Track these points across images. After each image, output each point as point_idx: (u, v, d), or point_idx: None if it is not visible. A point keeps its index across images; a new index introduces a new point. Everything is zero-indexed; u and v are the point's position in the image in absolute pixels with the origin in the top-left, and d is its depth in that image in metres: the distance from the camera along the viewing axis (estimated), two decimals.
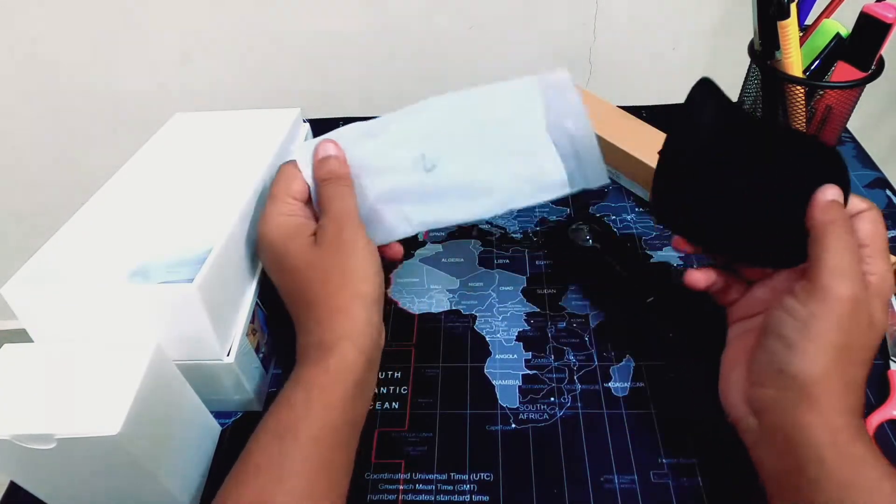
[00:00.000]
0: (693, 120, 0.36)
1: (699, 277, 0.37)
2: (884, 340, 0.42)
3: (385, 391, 0.42)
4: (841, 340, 0.29)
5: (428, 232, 0.55)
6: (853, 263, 0.30)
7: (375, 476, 0.38)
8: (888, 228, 0.50)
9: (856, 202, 0.33)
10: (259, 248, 0.38)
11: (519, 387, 0.42)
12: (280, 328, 0.45)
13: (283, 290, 0.37)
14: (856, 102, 0.50)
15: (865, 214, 0.33)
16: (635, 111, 0.62)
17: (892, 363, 0.40)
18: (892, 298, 0.43)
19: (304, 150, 0.39)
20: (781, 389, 0.30)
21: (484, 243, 0.53)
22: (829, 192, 0.32)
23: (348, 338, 0.32)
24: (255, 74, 0.91)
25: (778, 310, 0.31)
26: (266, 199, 0.38)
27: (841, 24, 0.48)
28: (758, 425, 0.31)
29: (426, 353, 0.45)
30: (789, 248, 0.33)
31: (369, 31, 0.85)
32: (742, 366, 0.33)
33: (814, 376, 0.29)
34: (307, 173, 0.38)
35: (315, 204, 0.38)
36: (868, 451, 0.28)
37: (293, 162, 0.39)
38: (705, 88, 0.35)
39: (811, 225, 0.31)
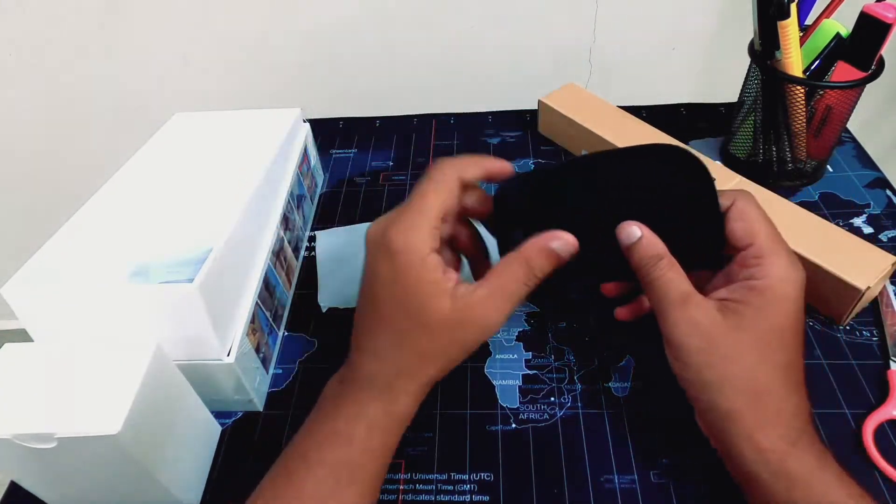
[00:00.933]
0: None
1: (623, 313, 0.38)
2: (884, 340, 0.42)
3: None
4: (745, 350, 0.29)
5: None
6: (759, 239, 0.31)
7: None
8: (888, 228, 0.50)
9: (726, 195, 0.32)
10: (375, 247, 0.31)
11: (519, 387, 0.42)
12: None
13: (377, 298, 0.31)
14: (856, 102, 0.50)
15: (736, 209, 0.32)
16: (635, 111, 0.62)
17: (892, 363, 0.40)
18: (892, 295, 0.43)
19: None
20: (710, 416, 0.31)
21: None
22: (632, 232, 0.31)
23: (381, 392, 0.31)
24: (255, 74, 0.91)
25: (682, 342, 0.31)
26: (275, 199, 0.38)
27: (841, 24, 0.48)
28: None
29: None
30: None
31: (369, 31, 0.85)
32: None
33: (727, 403, 0.29)
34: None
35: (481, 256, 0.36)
36: (801, 469, 0.28)
37: (454, 167, 0.32)
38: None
39: (636, 269, 0.31)
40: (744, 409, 0.29)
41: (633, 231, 0.31)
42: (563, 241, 0.31)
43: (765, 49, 0.49)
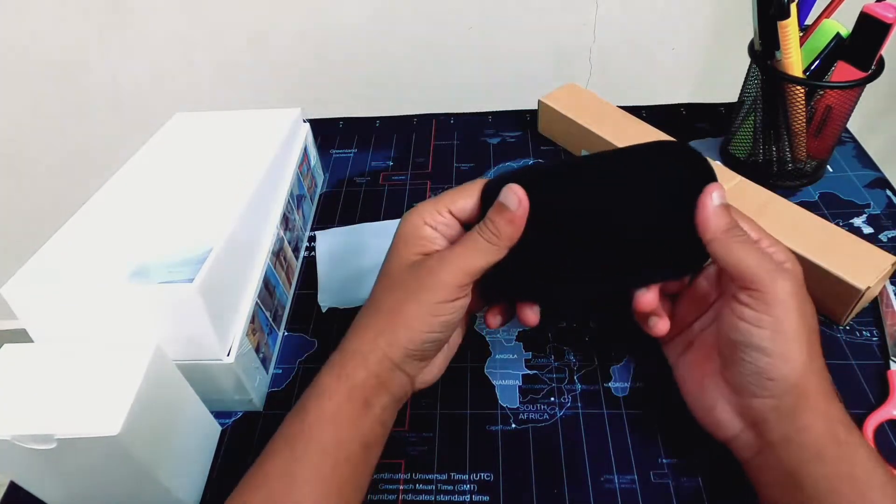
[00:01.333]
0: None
1: (650, 299, 0.33)
2: (884, 340, 0.42)
3: None
4: (805, 334, 0.30)
5: None
6: (770, 258, 0.30)
7: (375, 476, 0.38)
8: (888, 228, 0.50)
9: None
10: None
11: (519, 387, 0.42)
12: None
13: (379, 277, 0.34)
14: (856, 102, 0.50)
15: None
16: (635, 111, 0.62)
17: (892, 363, 0.40)
18: (892, 295, 0.43)
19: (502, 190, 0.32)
20: (777, 397, 0.30)
21: None
22: (715, 197, 0.30)
23: (364, 357, 0.32)
24: (254, 74, 0.90)
25: (740, 322, 0.30)
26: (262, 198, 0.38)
27: (841, 24, 0.48)
28: (755, 437, 0.31)
29: None
30: (686, 255, 0.32)
31: (369, 30, 0.85)
32: (713, 385, 0.33)
33: (802, 377, 0.29)
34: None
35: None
36: (860, 440, 0.29)
37: (485, 182, 0.34)
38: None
39: (709, 236, 0.30)
40: (816, 382, 0.29)
41: (716, 196, 0.30)
42: (508, 192, 0.31)
43: (765, 49, 0.49)
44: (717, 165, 0.51)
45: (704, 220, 0.30)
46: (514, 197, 0.31)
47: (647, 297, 0.33)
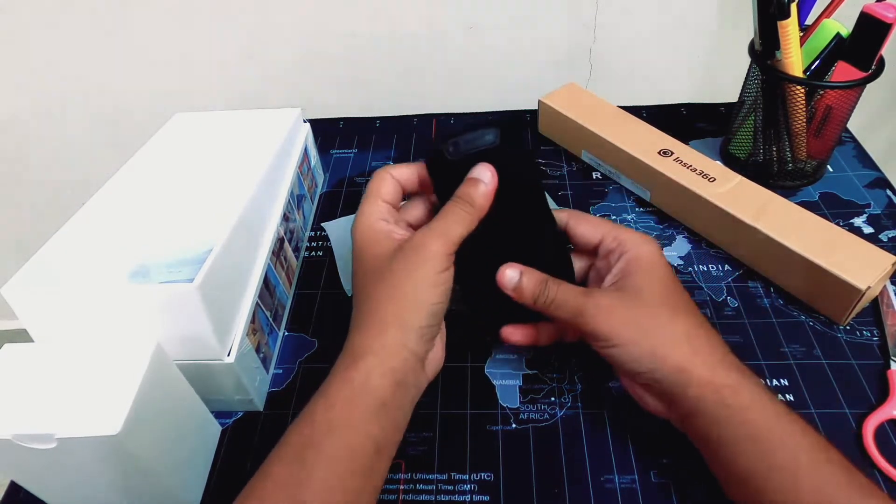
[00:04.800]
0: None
1: (513, 333, 0.38)
2: (884, 340, 0.42)
3: None
4: (639, 328, 0.32)
5: None
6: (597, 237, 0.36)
7: None
8: (888, 228, 0.50)
9: (557, 215, 0.38)
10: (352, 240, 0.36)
11: (519, 387, 0.42)
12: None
13: (354, 287, 0.35)
14: (856, 102, 0.50)
15: (573, 218, 0.38)
16: (635, 111, 0.62)
17: (892, 363, 0.40)
18: (892, 295, 0.43)
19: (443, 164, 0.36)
20: (662, 381, 0.32)
21: None
22: (508, 277, 0.35)
23: (376, 355, 0.31)
24: (255, 74, 0.90)
25: (597, 350, 0.34)
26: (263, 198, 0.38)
27: (841, 24, 0.48)
28: (676, 414, 0.33)
29: None
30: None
31: (369, 31, 0.85)
32: (632, 383, 0.35)
33: (666, 360, 0.32)
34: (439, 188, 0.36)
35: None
36: (750, 398, 0.31)
37: (389, 166, 0.37)
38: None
39: (534, 306, 0.35)
40: (688, 357, 0.32)
41: (512, 275, 0.35)
42: (482, 169, 0.34)
43: (765, 49, 0.49)
44: (718, 165, 0.51)
45: (518, 294, 0.35)
46: (488, 173, 0.34)
47: (509, 331, 0.38)
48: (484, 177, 0.34)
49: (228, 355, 0.37)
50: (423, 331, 0.32)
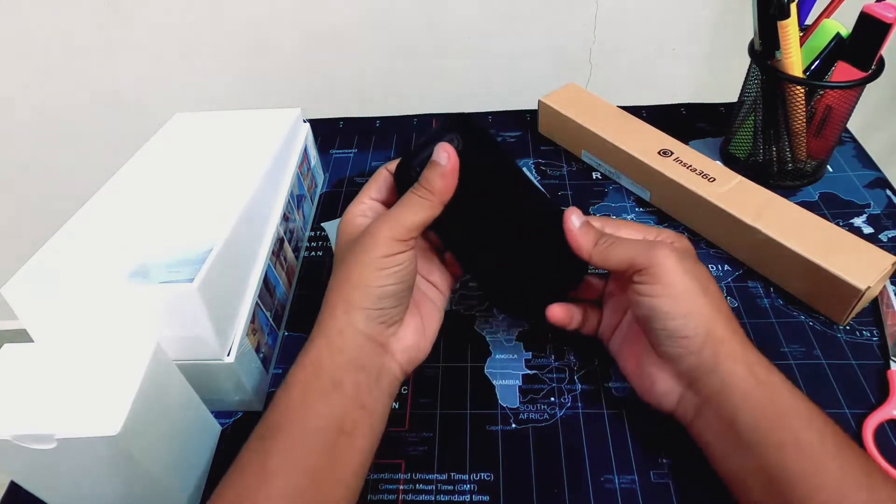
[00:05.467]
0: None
1: (558, 312, 0.38)
2: (884, 340, 0.42)
3: None
4: (699, 289, 0.33)
5: None
6: (643, 242, 0.35)
7: (375, 476, 0.38)
8: (888, 228, 0.50)
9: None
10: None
11: (519, 387, 0.42)
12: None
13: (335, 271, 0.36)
14: (856, 102, 0.50)
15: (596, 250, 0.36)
16: (635, 111, 0.62)
17: (892, 363, 0.40)
18: (892, 295, 0.43)
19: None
20: (696, 353, 0.32)
21: None
22: (574, 220, 0.36)
23: (324, 336, 0.32)
24: (255, 74, 0.91)
25: (641, 298, 0.34)
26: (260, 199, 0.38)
27: (841, 24, 0.48)
28: (693, 397, 0.33)
29: None
30: (566, 273, 0.38)
31: (369, 30, 0.85)
32: (647, 362, 0.35)
33: (709, 327, 0.32)
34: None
35: None
36: (781, 379, 0.31)
37: (386, 165, 0.37)
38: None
39: (585, 255, 0.36)
40: (728, 333, 0.32)
41: (576, 219, 0.36)
42: (438, 150, 0.33)
43: (765, 49, 0.49)
44: (718, 165, 0.51)
45: (575, 243, 0.36)
46: (444, 153, 0.33)
47: (555, 311, 0.38)
48: (441, 158, 0.33)
49: (228, 355, 0.37)
50: (370, 312, 0.32)
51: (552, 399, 0.41)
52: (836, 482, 0.28)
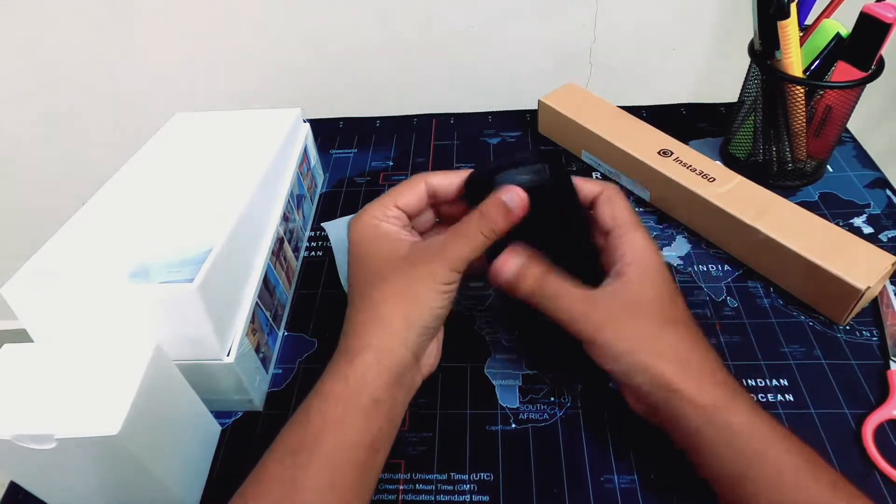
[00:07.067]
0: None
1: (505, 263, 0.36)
2: (884, 340, 0.42)
3: None
4: (643, 329, 0.32)
5: None
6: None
7: None
8: (888, 228, 0.50)
9: (588, 187, 0.36)
10: (349, 236, 0.36)
11: (519, 387, 0.42)
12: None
13: (352, 285, 0.35)
14: (856, 102, 0.50)
15: (602, 197, 0.36)
16: (635, 111, 0.62)
17: (892, 363, 0.40)
18: (892, 295, 0.43)
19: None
20: (644, 396, 0.32)
21: None
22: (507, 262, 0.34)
23: (374, 352, 0.31)
24: (255, 74, 0.90)
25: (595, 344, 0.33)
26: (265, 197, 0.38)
27: (841, 24, 0.48)
28: (658, 420, 0.34)
29: None
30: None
31: (369, 30, 0.85)
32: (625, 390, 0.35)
33: (651, 372, 0.31)
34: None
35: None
36: (740, 419, 0.30)
37: (427, 172, 0.36)
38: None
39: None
40: (677, 373, 0.31)
41: (514, 261, 0.34)
42: (512, 194, 0.32)
43: (765, 49, 0.49)
44: (717, 165, 0.51)
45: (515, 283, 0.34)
46: (519, 200, 0.32)
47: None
48: (513, 203, 0.32)
49: (228, 355, 0.37)
50: (426, 330, 0.32)
51: (552, 399, 0.41)
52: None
